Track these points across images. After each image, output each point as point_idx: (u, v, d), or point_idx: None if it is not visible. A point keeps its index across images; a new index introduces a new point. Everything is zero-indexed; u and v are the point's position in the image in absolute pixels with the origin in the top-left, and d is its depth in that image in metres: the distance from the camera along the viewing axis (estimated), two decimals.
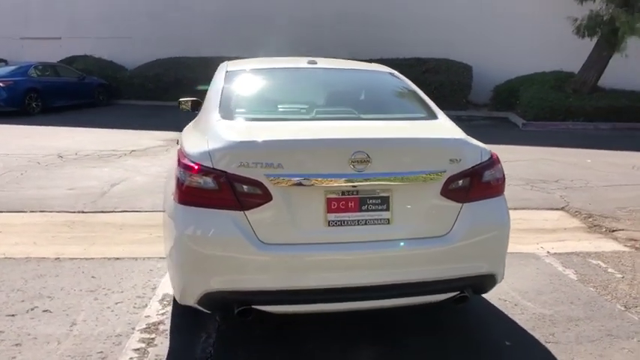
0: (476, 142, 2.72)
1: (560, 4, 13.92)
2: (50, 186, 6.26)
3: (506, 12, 16.33)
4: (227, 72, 3.37)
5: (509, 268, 2.87)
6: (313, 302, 2.48)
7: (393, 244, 2.47)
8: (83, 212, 5.26)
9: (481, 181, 2.61)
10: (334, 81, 3.53)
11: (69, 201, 5.59)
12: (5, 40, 19.22)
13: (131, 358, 2.66)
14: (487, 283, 2.72)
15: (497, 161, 2.72)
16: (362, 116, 2.96)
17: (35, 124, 11.85)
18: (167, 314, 3.13)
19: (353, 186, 2.43)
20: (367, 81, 3.60)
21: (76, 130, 11.14)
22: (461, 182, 2.55)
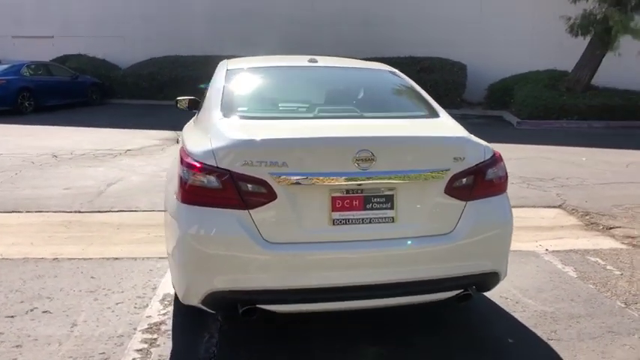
0: (479, 141, 2.72)
1: (553, 4, 13.99)
2: (45, 186, 6.21)
3: (500, 11, 16.41)
4: (227, 70, 3.35)
5: (509, 266, 2.87)
6: (318, 301, 2.47)
7: (398, 243, 2.47)
8: (80, 212, 5.22)
9: (484, 179, 2.61)
10: (336, 79, 3.52)
11: (65, 201, 5.55)
12: None
13: (134, 359, 2.64)
14: (491, 281, 2.73)
15: (499, 159, 2.73)
16: (365, 114, 2.95)
17: (28, 124, 11.75)
18: (168, 314, 3.11)
19: (357, 184, 2.42)
20: (368, 79, 3.60)
21: (70, 130, 11.07)
22: (464, 180, 2.55)
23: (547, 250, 4.43)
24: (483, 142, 2.72)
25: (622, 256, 4.35)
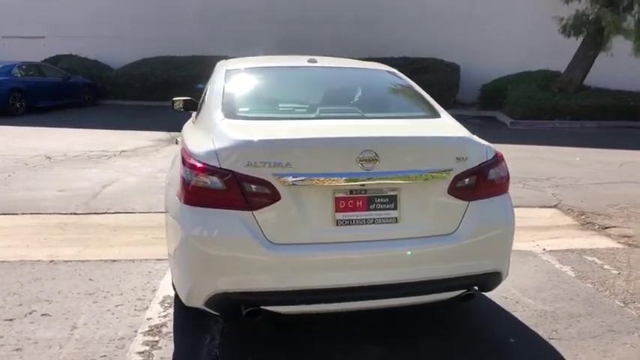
0: (481, 141, 2.73)
1: (546, 5, 14.08)
2: (40, 187, 6.15)
3: (493, 12, 16.49)
4: (227, 70, 3.33)
5: None
6: (322, 302, 2.47)
7: (402, 243, 2.46)
8: (75, 214, 5.18)
9: (487, 179, 2.62)
10: (336, 80, 3.52)
11: (60, 202, 5.50)
12: None
13: None
14: (493, 281, 2.73)
15: (501, 159, 2.73)
16: (366, 115, 2.95)
17: (20, 125, 11.63)
18: (169, 316, 3.09)
19: (361, 185, 2.42)
20: (368, 79, 3.60)
21: (63, 131, 10.97)
22: (467, 180, 2.56)
23: (544, 250, 4.46)
24: (485, 143, 2.73)
25: (618, 256, 4.38)
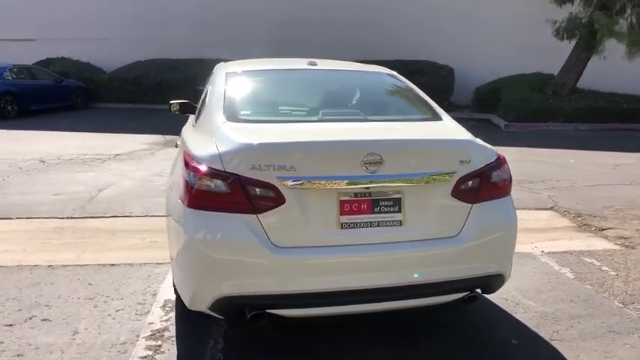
0: (483, 143, 2.74)
1: (539, 8, 14.17)
2: (35, 191, 6.10)
3: (487, 15, 16.58)
4: (227, 73, 3.32)
5: None
6: (327, 305, 2.46)
7: (406, 246, 2.46)
8: (72, 218, 5.14)
9: (490, 182, 2.63)
10: (337, 82, 3.52)
11: (56, 206, 5.46)
12: None
13: None
14: (496, 283, 2.75)
15: (503, 162, 2.75)
16: (369, 117, 2.95)
17: (12, 129, 11.53)
18: (171, 320, 3.07)
19: (366, 188, 2.42)
20: (369, 82, 3.60)
21: (56, 134, 10.90)
22: (471, 183, 2.57)
23: (543, 252, 4.48)
24: (488, 145, 2.74)
25: (616, 257, 4.41)
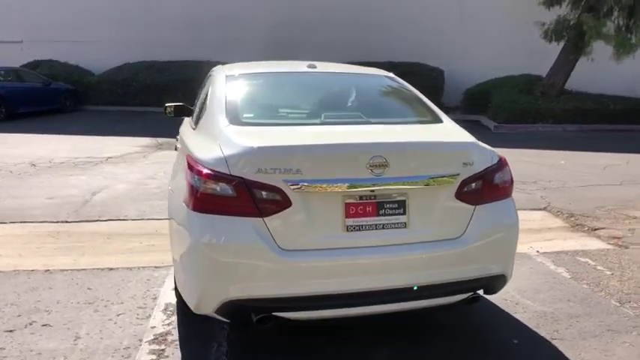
0: (485, 146, 2.76)
1: (528, 10, 14.33)
2: (27, 195, 6.04)
3: (476, 17, 16.72)
4: (227, 76, 3.32)
5: None
6: (333, 307, 2.47)
7: (411, 248, 2.48)
8: (67, 222, 5.09)
9: (492, 184, 2.66)
10: (337, 85, 3.53)
11: (50, 210, 5.41)
12: None
13: None
14: (498, 284, 2.78)
15: (505, 164, 2.78)
16: (371, 120, 2.96)
17: (0, 132, 11.41)
18: (173, 324, 3.06)
19: (371, 191, 2.43)
20: (369, 85, 3.62)
21: (46, 137, 10.80)
22: (474, 185, 2.59)
23: (538, 252, 4.53)
24: (489, 147, 2.77)
25: (610, 257, 4.47)
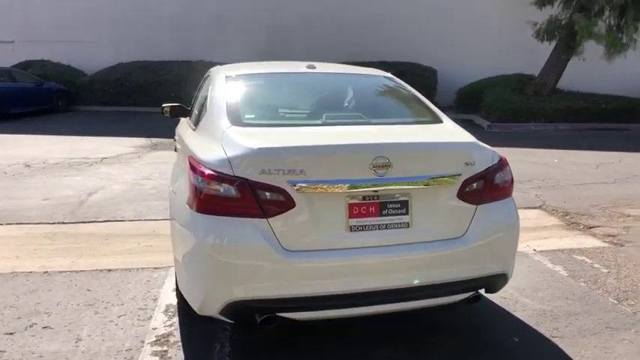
0: (486, 146, 2.79)
1: (520, 10, 14.43)
2: (22, 196, 5.99)
3: (468, 17, 16.80)
4: (226, 77, 3.32)
5: None
6: (337, 307, 2.48)
7: (413, 248, 2.50)
8: (63, 223, 5.06)
9: (493, 183, 2.68)
10: (337, 85, 3.53)
11: (46, 211, 5.37)
12: None
13: None
14: (500, 283, 2.80)
15: (505, 164, 2.80)
16: (372, 121, 2.97)
17: None
18: (174, 325, 3.05)
19: (374, 191, 2.44)
20: (368, 85, 3.63)
21: (39, 138, 10.71)
22: (475, 185, 2.61)
23: (535, 251, 4.56)
24: (490, 148, 2.79)
25: (606, 254, 4.52)
